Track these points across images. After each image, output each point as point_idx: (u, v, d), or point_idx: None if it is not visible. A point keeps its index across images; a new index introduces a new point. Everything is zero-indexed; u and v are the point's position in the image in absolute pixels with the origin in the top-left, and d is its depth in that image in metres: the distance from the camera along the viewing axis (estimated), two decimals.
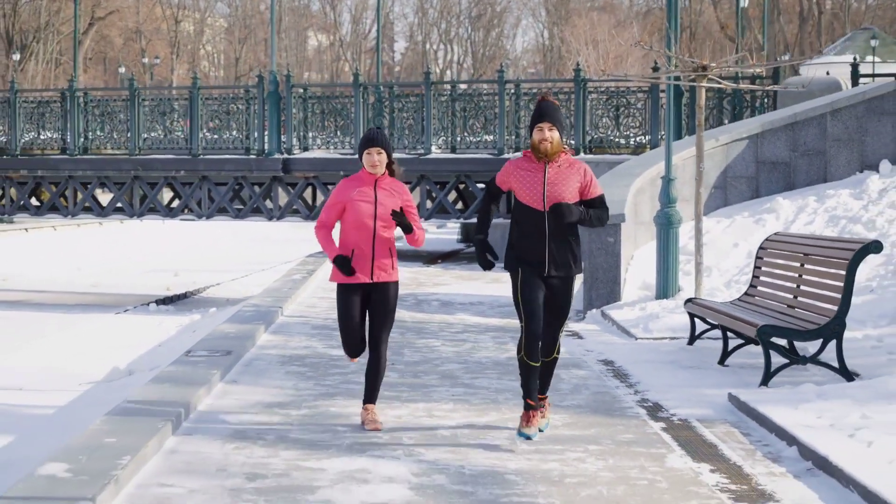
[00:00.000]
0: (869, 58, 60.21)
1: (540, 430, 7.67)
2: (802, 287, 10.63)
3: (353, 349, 8.02)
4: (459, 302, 16.52)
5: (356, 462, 7.07)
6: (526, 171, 7.47)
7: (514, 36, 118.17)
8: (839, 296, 9.78)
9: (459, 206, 26.87)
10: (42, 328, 22.57)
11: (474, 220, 25.38)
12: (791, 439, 7.61)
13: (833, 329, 9.74)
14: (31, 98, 28.18)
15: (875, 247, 9.80)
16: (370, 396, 8.07)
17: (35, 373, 17.08)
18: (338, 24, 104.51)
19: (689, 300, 12.20)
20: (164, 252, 41.25)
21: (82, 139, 26.69)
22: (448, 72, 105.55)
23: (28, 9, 73.23)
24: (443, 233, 39.73)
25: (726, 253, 16.08)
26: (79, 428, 8.88)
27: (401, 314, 14.66)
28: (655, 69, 22.02)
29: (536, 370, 7.49)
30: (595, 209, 7.53)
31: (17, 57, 68.61)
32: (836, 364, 9.78)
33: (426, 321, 14.31)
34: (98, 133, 26.77)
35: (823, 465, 7.01)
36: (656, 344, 12.40)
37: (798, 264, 10.84)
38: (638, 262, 16.23)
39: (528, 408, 7.51)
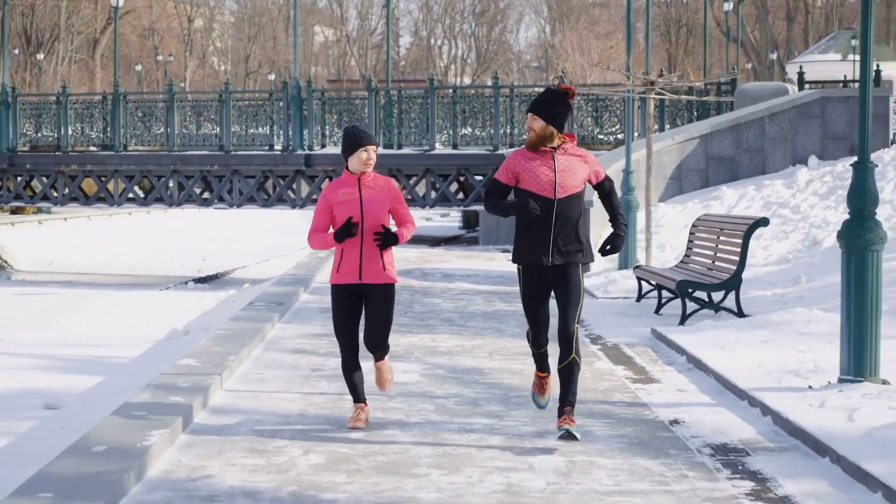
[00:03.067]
0: (850, 56, 63.55)
1: (570, 434, 7.35)
2: (718, 254, 14.03)
3: (347, 350, 8.01)
4: (459, 274, 19.87)
5: None
6: (534, 160, 7.35)
7: (517, 31, 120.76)
8: (738, 258, 13.18)
9: (460, 195, 30.23)
10: (98, 303, 25.94)
11: (473, 207, 28.77)
12: (682, 352, 10.99)
13: (732, 283, 13.14)
14: (79, 100, 31.54)
15: (763, 221, 13.23)
16: (357, 396, 8.12)
17: (105, 335, 20.46)
18: (344, 19, 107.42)
19: (636, 267, 15.59)
20: (191, 240, 44.70)
21: (125, 137, 30.10)
22: (452, 66, 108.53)
23: (44, 8, 75.99)
24: (446, 221, 43.21)
25: (678, 233, 19.45)
26: (154, 371, 12.19)
27: (409, 282, 18.09)
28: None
29: (546, 353, 7.75)
30: (611, 200, 7.56)
31: (41, 56, 71.90)
32: (734, 308, 13.19)
33: (431, 287, 17.71)
34: (141, 132, 30.18)
35: (698, 364, 10.40)
36: (612, 301, 15.78)
37: (715, 237, 14.24)
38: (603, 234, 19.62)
39: (540, 376, 7.82)
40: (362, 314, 7.97)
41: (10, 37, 73.69)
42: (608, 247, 7.49)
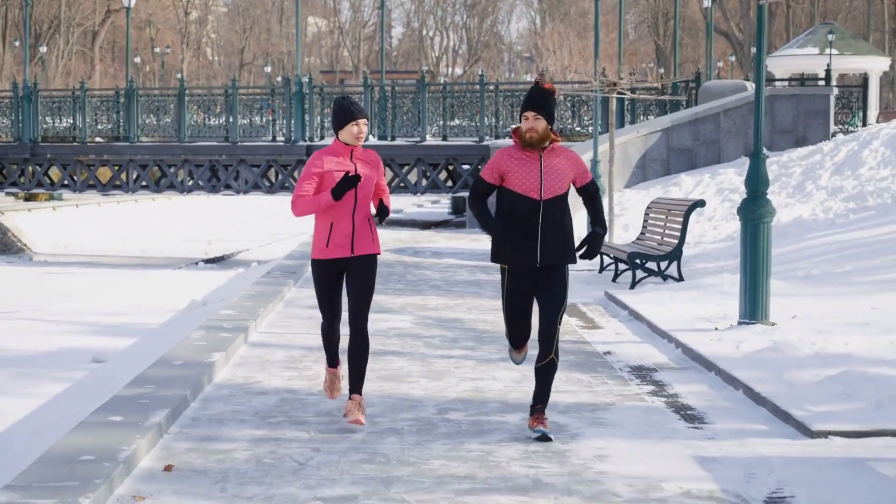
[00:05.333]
0: (827, 50, 66.04)
1: (549, 439, 7.37)
2: (667, 230, 16.54)
3: (331, 317, 7.91)
4: (446, 252, 22.34)
5: (381, 316, 12.91)
6: (520, 160, 7.29)
7: (508, 22, 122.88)
8: (679, 233, 15.70)
9: (449, 183, 32.73)
10: (117, 281, 28.38)
11: (461, 194, 31.27)
12: (626, 307, 13.50)
13: (674, 254, 15.65)
14: (96, 95, 34.02)
15: (699, 203, 15.77)
16: (356, 385, 7.75)
17: (130, 307, 22.86)
18: (337, 10, 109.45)
19: None
20: (195, 226, 47.18)
21: (140, 129, 32.58)
22: (444, 57, 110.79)
23: (44, 0, 77.74)
24: (436, 207, 45.73)
25: (641, 215, 21.94)
26: (180, 336, 14.61)
27: (403, 258, 20.57)
28: (604, 74, 27.83)
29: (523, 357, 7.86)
30: (595, 202, 7.47)
31: (44, 49, 74.14)
32: (675, 275, 15.72)
33: (422, 262, 20.20)
34: (154, 123, 32.68)
35: (636, 316, 12.90)
36: (577, 273, 18.24)
37: (664, 217, 16.75)
38: (575, 221, 22.12)
39: (533, 411, 7.49)
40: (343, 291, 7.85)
41: (9, 28, 76.15)
42: (585, 247, 7.42)
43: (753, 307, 11.26)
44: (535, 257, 7.26)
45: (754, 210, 11.27)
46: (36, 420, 10.87)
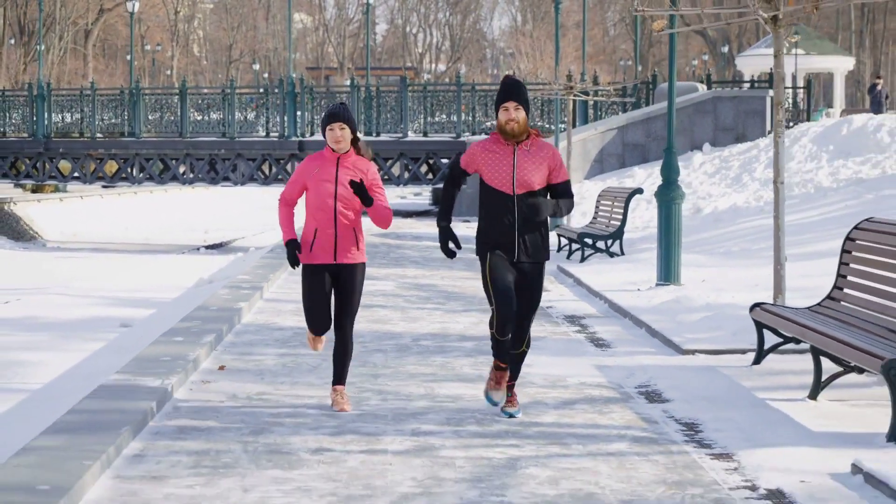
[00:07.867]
0: (794, 51, 68.80)
1: (511, 416, 7.61)
2: (613, 214, 19.36)
3: (317, 328, 8.08)
4: (425, 236, 25.12)
5: (368, 282, 15.54)
6: (494, 153, 7.35)
7: (490, 20, 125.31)
8: (622, 216, 18.53)
9: (429, 176, 35.57)
10: (127, 264, 31.08)
11: (440, 186, 34.10)
12: (572, 276, 16.31)
13: (617, 234, 18.48)
14: (104, 94, 36.77)
15: (638, 191, 18.64)
16: (338, 377, 8.02)
17: (144, 285, 25.53)
18: (322, 7, 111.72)
19: (556, 226, 20.91)
20: (191, 216, 49.90)
21: (144, 127, 35.35)
22: (428, 53, 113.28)
23: None
24: (418, 199, 48.61)
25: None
26: (193, 306, 17.30)
27: (387, 240, 23.35)
28: (569, 77, 30.64)
29: (507, 342, 7.50)
30: (563, 198, 7.44)
31: (42, 47, 76.38)
32: (619, 251, 18.56)
33: (403, 243, 23.00)
34: (157, 120, 35.45)
35: (578, 282, 15.71)
36: None
37: (611, 203, 19.58)
38: None
39: (498, 368, 7.56)
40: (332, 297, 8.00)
41: (3, 27, 78.41)
42: (536, 202, 7.33)
43: (667, 272, 14.08)
44: (512, 253, 7.37)
45: (668, 194, 14.10)
46: (84, 367, 13.51)
